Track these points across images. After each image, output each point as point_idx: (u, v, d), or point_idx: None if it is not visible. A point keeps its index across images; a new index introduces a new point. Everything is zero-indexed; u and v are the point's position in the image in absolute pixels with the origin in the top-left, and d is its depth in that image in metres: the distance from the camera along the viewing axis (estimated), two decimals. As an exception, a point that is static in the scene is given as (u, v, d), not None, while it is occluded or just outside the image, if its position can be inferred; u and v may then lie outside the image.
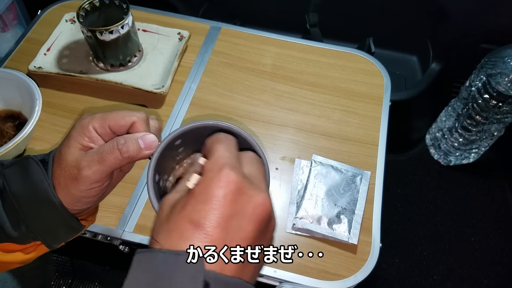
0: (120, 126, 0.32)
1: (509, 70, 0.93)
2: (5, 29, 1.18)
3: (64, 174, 0.31)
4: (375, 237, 0.59)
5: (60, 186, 0.31)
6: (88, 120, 0.32)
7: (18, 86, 0.64)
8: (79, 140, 0.31)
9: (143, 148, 0.31)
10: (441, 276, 1.05)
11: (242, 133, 0.33)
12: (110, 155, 0.30)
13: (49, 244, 0.34)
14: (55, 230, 0.33)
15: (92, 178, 0.31)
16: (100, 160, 0.30)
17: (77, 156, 0.31)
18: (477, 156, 1.19)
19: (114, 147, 0.31)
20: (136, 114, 0.32)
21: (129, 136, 0.32)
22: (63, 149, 0.32)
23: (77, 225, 0.34)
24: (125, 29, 0.66)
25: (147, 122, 0.33)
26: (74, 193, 0.31)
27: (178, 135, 0.33)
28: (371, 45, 1.05)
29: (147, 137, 0.32)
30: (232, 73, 0.76)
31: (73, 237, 0.35)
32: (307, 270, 0.56)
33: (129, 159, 0.31)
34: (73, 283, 0.98)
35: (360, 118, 0.71)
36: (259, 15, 1.30)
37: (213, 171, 0.25)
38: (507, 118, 1.02)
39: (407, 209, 1.15)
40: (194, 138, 0.34)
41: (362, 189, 0.62)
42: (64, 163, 0.31)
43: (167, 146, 0.33)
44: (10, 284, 0.57)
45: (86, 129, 0.31)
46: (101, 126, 0.32)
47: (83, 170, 0.30)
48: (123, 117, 0.32)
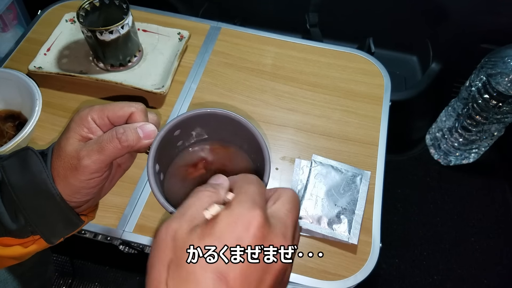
0: (119, 117, 0.32)
1: (509, 70, 0.93)
2: (5, 29, 1.18)
3: (63, 165, 0.31)
4: (375, 237, 0.59)
5: (59, 177, 0.31)
6: (87, 112, 0.32)
7: (18, 86, 0.64)
8: (78, 131, 0.31)
9: (142, 137, 0.31)
10: (441, 276, 1.05)
11: (242, 121, 0.33)
12: (110, 144, 0.30)
13: (47, 238, 0.33)
14: (54, 223, 0.33)
15: (92, 168, 0.30)
16: (99, 150, 0.30)
17: (76, 146, 0.31)
18: (477, 156, 1.19)
19: (113, 136, 0.31)
20: (135, 105, 0.33)
21: (128, 126, 0.32)
22: (62, 140, 0.32)
23: (76, 219, 0.34)
24: (125, 29, 0.66)
25: (145, 113, 0.33)
26: (74, 183, 0.31)
27: (177, 123, 0.33)
28: (371, 45, 1.05)
29: (146, 126, 0.32)
30: (232, 73, 0.76)
31: (72, 233, 0.35)
32: (307, 270, 0.56)
33: (129, 148, 0.31)
34: (73, 283, 0.98)
35: (360, 118, 0.71)
36: (259, 15, 1.30)
37: (243, 208, 0.22)
38: (507, 118, 1.02)
39: (407, 209, 1.15)
40: (193, 130, 0.34)
41: (362, 189, 0.62)
42: (63, 154, 0.31)
43: (166, 135, 0.33)
44: (11, 284, 0.57)
45: (85, 120, 0.31)
46: (100, 117, 0.32)
47: (82, 160, 0.30)
48: (122, 108, 0.32)
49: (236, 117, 0.33)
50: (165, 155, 0.34)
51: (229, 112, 0.33)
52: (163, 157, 0.34)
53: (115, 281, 0.98)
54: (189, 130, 0.34)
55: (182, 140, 0.36)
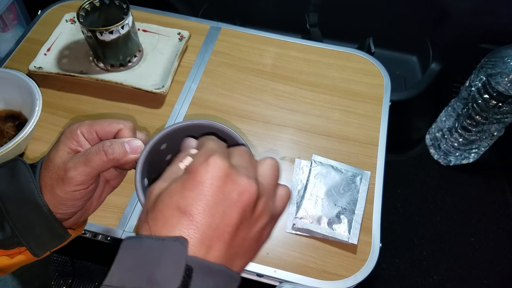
0: (107, 132, 0.33)
1: (509, 70, 0.93)
2: (5, 29, 1.18)
3: (51, 176, 0.32)
4: (375, 237, 0.59)
5: (46, 188, 0.32)
6: (77, 126, 0.33)
7: (18, 86, 0.64)
8: (68, 144, 0.32)
9: (128, 152, 0.32)
10: (441, 276, 1.05)
11: (226, 130, 0.33)
12: (96, 156, 0.31)
13: (33, 250, 0.34)
14: (40, 234, 0.33)
15: (78, 179, 0.31)
16: (85, 162, 0.31)
17: (64, 158, 0.32)
18: (477, 156, 1.19)
19: (100, 149, 0.32)
20: (123, 122, 0.34)
21: (115, 140, 0.33)
22: (52, 152, 0.33)
23: (62, 231, 0.34)
24: (125, 29, 0.66)
25: (133, 130, 0.34)
26: (60, 194, 0.32)
27: (162, 137, 0.33)
28: (371, 45, 1.05)
29: (133, 141, 0.33)
30: (232, 73, 0.76)
31: (58, 246, 0.35)
32: (307, 270, 0.56)
33: (114, 161, 0.32)
34: (73, 283, 0.98)
35: (360, 118, 0.71)
36: (259, 15, 1.30)
37: (202, 157, 0.26)
38: (507, 118, 1.02)
39: (407, 209, 1.15)
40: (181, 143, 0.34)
41: (362, 189, 0.62)
42: (51, 165, 0.32)
43: (153, 149, 0.33)
44: (10, 284, 0.57)
45: (75, 133, 0.33)
46: (89, 132, 0.33)
47: (69, 171, 0.31)
48: (110, 124, 0.33)
49: (221, 127, 0.33)
50: (153, 169, 0.35)
51: (213, 123, 0.33)
52: (152, 171, 0.34)
53: (115, 281, 0.98)
54: (176, 143, 0.34)
55: (170, 154, 0.36)
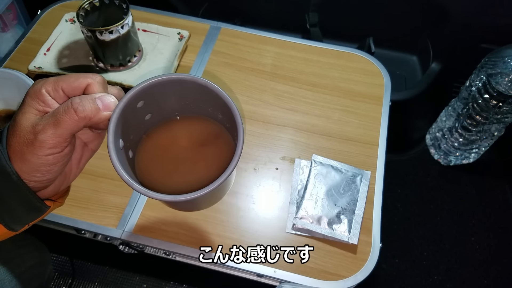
0: (73, 88, 0.30)
1: (509, 70, 0.93)
2: (5, 29, 1.18)
3: (20, 141, 0.29)
4: (375, 237, 0.59)
5: (15, 155, 0.29)
6: (41, 84, 0.30)
7: (18, 86, 0.64)
8: (34, 105, 0.30)
9: (101, 108, 0.30)
10: (441, 276, 1.05)
11: (209, 85, 0.30)
12: (65, 115, 0.28)
13: (7, 224, 0.31)
14: (13, 206, 0.31)
15: (49, 143, 0.29)
16: (55, 123, 0.28)
17: (32, 121, 0.29)
18: (477, 156, 1.19)
19: (69, 107, 0.29)
20: (92, 76, 0.31)
21: (85, 96, 0.30)
22: (18, 116, 0.30)
23: (37, 202, 0.31)
24: (125, 29, 0.66)
25: (104, 85, 0.31)
26: (31, 159, 0.29)
27: (139, 91, 0.30)
28: (371, 45, 1.05)
29: (105, 97, 0.30)
30: (232, 73, 0.76)
31: (37, 219, 0.33)
32: (307, 270, 0.56)
33: (86, 120, 0.29)
34: (73, 283, 0.98)
35: (360, 118, 0.71)
36: (259, 15, 1.30)
37: None
38: (507, 118, 1.02)
39: (407, 209, 1.15)
40: (160, 102, 0.31)
41: (362, 189, 0.62)
42: (19, 130, 0.29)
43: (128, 107, 0.30)
44: (9, 284, 0.57)
45: (39, 93, 0.30)
46: (54, 89, 0.30)
47: (38, 134, 0.28)
48: (77, 79, 0.30)
49: (204, 83, 0.30)
50: (131, 130, 0.32)
51: (196, 77, 0.30)
52: (129, 132, 0.32)
53: (115, 281, 0.98)
54: (156, 100, 0.31)
55: (150, 113, 0.34)
